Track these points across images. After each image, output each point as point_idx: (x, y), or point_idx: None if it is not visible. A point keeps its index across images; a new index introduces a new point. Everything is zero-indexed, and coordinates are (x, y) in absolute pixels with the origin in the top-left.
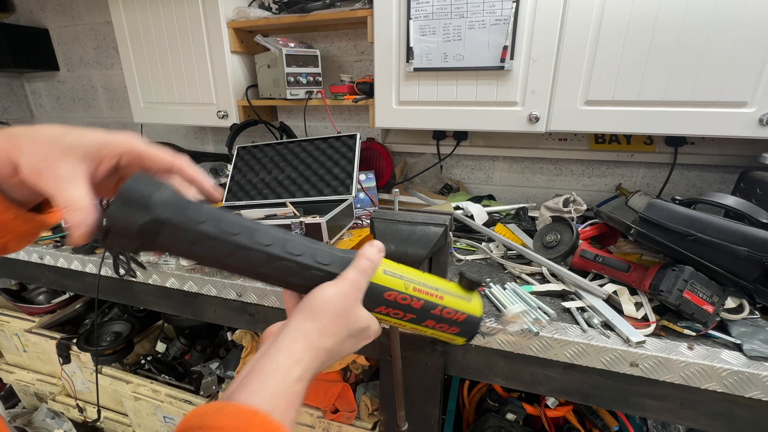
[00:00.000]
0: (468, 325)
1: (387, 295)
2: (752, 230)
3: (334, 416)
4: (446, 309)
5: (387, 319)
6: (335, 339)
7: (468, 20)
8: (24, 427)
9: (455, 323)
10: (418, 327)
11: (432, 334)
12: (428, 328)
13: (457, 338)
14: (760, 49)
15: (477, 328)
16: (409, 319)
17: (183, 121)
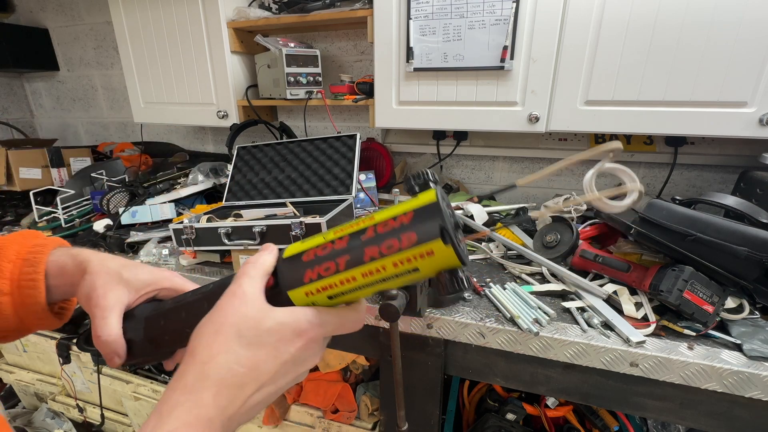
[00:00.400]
0: (423, 221)
1: (305, 258)
2: (752, 230)
3: (334, 416)
4: (380, 224)
5: (323, 287)
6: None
7: (468, 20)
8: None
9: (403, 229)
10: (367, 271)
11: (398, 272)
12: (378, 261)
13: (431, 247)
14: (760, 49)
15: (441, 216)
16: (346, 266)
17: (183, 121)
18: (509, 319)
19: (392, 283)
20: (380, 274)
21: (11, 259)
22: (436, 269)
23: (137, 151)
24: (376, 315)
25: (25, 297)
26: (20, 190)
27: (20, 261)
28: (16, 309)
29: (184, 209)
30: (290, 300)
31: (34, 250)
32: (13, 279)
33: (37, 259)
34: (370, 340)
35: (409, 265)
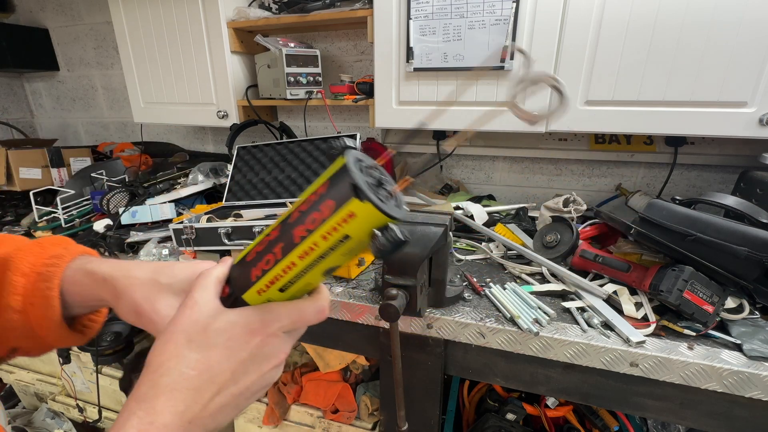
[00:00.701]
0: (337, 185)
1: (249, 258)
2: (752, 230)
3: (334, 416)
4: (302, 203)
5: (270, 281)
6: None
7: (468, 20)
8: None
9: (321, 199)
10: (302, 252)
11: (331, 245)
12: (308, 239)
13: (349, 209)
14: (760, 49)
15: (350, 176)
16: (283, 253)
17: (183, 121)
18: (509, 319)
19: (333, 258)
20: (316, 252)
21: (25, 272)
22: (367, 231)
23: (137, 151)
24: (376, 315)
25: (39, 314)
26: (20, 190)
27: (34, 275)
28: (31, 325)
29: (184, 209)
30: (246, 303)
31: (50, 263)
32: (26, 294)
33: (51, 272)
34: (370, 340)
35: (337, 234)
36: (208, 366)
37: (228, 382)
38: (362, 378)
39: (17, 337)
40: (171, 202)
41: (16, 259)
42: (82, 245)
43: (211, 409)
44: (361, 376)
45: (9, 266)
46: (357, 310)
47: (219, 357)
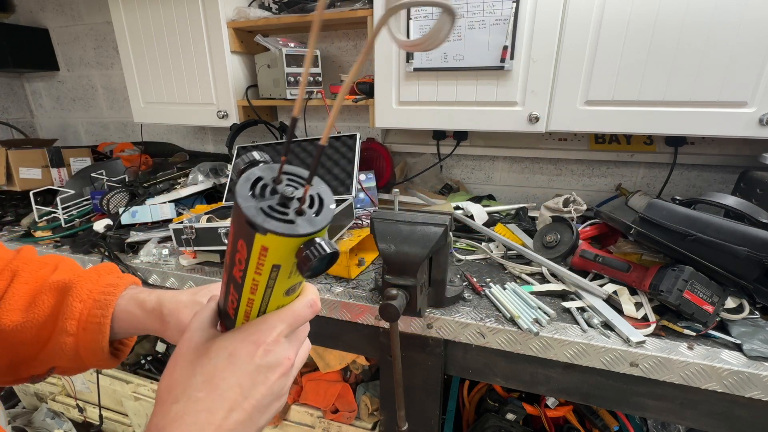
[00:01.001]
0: (238, 221)
1: (221, 297)
2: (752, 230)
3: (334, 416)
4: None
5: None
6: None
7: (468, 20)
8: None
9: (235, 238)
10: (249, 289)
11: (268, 279)
12: (248, 278)
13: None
14: (760, 49)
15: (242, 211)
16: (237, 293)
17: (183, 121)
18: (509, 319)
19: (283, 283)
20: (261, 285)
21: (83, 298)
22: (291, 254)
23: (137, 151)
24: (376, 315)
25: (89, 339)
26: (20, 190)
27: (91, 301)
28: (78, 349)
29: (184, 209)
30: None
31: (107, 291)
32: (81, 320)
33: (107, 300)
34: (370, 340)
35: (266, 267)
36: (214, 385)
37: (238, 398)
38: (362, 378)
39: (62, 358)
40: (171, 202)
41: (77, 286)
42: (129, 273)
43: (227, 427)
44: (361, 376)
45: (71, 292)
46: (357, 310)
47: (224, 374)
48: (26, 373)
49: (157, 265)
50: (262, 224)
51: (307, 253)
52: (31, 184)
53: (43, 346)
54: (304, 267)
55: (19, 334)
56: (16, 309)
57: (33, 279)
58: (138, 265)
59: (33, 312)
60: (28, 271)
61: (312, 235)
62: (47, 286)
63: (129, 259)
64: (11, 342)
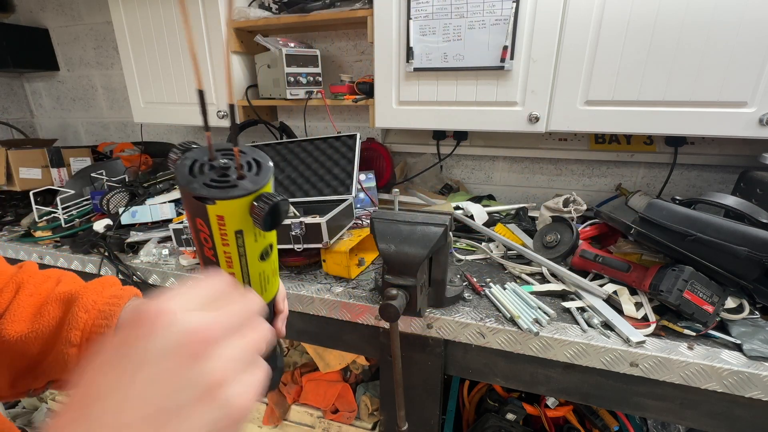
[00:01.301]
0: (188, 200)
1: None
2: (752, 230)
3: (334, 416)
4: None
5: None
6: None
7: (468, 20)
8: (24, 427)
9: (192, 219)
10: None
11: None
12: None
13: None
14: (760, 49)
15: (188, 189)
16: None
17: (183, 121)
18: (509, 319)
19: (252, 246)
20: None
21: (88, 308)
22: (245, 215)
23: (137, 151)
24: (376, 315)
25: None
26: (20, 190)
27: (96, 312)
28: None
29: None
30: None
31: (111, 302)
32: (85, 330)
33: (112, 311)
34: (370, 340)
35: (229, 236)
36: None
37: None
38: (362, 378)
39: (63, 370)
40: (171, 202)
41: (83, 297)
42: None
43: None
44: (361, 376)
45: (76, 303)
46: (357, 310)
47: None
48: (24, 387)
49: (157, 265)
50: (208, 194)
51: (256, 206)
52: (31, 184)
53: (45, 357)
54: (258, 219)
55: (23, 345)
56: (21, 320)
57: (37, 292)
58: (138, 265)
59: (39, 323)
60: (33, 284)
61: (256, 192)
62: (53, 297)
63: (129, 259)
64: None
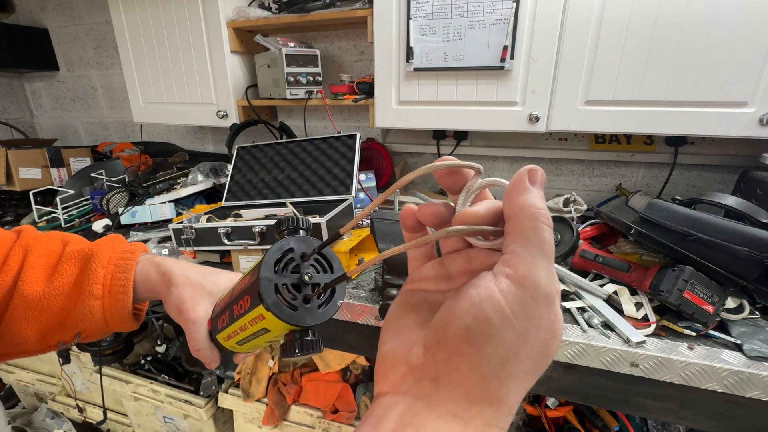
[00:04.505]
0: (254, 281)
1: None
2: (752, 230)
3: (334, 416)
4: (242, 279)
5: (228, 335)
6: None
7: (468, 20)
8: (24, 427)
9: (245, 290)
10: (238, 328)
11: (255, 330)
12: (238, 321)
13: (260, 311)
14: (760, 49)
15: (259, 284)
16: (230, 320)
17: (183, 121)
18: None
19: (266, 337)
20: (248, 331)
21: (104, 264)
22: (282, 330)
23: (137, 151)
24: (376, 315)
25: (114, 301)
26: (20, 190)
27: (112, 267)
28: (104, 312)
29: (183, 209)
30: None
31: (125, 256)
32: (105, 284)
33: (128, 265)
34: (370, 341)
35: (256, 326)
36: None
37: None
38: (362, 378)
39: (89, 321)
40: (171, 202)
41: (97, 254)
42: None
43: None
44: (361, 376)
45: (92, 259)
46: (357, 310)
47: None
48: (54, 340)
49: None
50: (266, 300)
51: (293, 343)
52: (31, 184)
53: (71, 311)
54: (285, 351)
55: (46, 302)
56: (39, 280)
57: (46, 253)
58: None
59: (57, 281)
60: (40, 246)
61: (305, 327)
62: (67, 257)
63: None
64: (38, 310)
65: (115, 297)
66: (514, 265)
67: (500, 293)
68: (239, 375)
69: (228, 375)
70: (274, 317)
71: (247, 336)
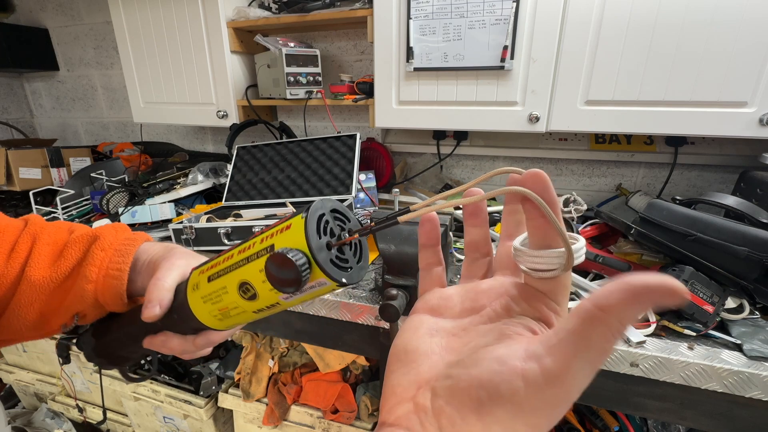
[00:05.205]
0: (301, 211)
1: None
2: (752, 230)
3: (334, 416)
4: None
5: (211, 265)
6: None
7: (468, 20)
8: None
9: (285, 220)
10: (243, 248)
11: (259, 249)
12: (255, 238)
13: (291, 221)
14: (760, 49)
15: (310, 207)
16: (233, 246)
17: (183, 121)
18: None
19: (252, 267)
20: (248, 252)
21: (105, 248)
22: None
23: (137, 151)
24: (376, 315)
25: (108, 286)
26: (20, 190)
27: (112, 251)
28: (97, 296)
29: (183, 209)
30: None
31: (126, 243)
32: (102, 267)
33: (127, 250)
34: (370, 340)
35: (268, 241)
36: None
37: None
38: (362, 378)
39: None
40: (171, 202)
41: (101, 238)
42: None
43: None
44: (361, 376)
45: (95, 242)
46: (357, 310)
47: None
48: (56, 323)
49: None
50: (310, 214)
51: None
52: (31, 184)
53: (68, 293)
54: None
55: (51, 286)
56: (45, 266)
57: (53, 241)
58: None
59: (61, 264)
60: (48, 234)
61: (321, 266)
62: (72, 241)
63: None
64: (44, 295)
65: (110, 282)
66: (555, 354)
67: (523, 380)
68: (239, 375)
69: (228, 375)
70: (300, 229)
71: (240, 260)
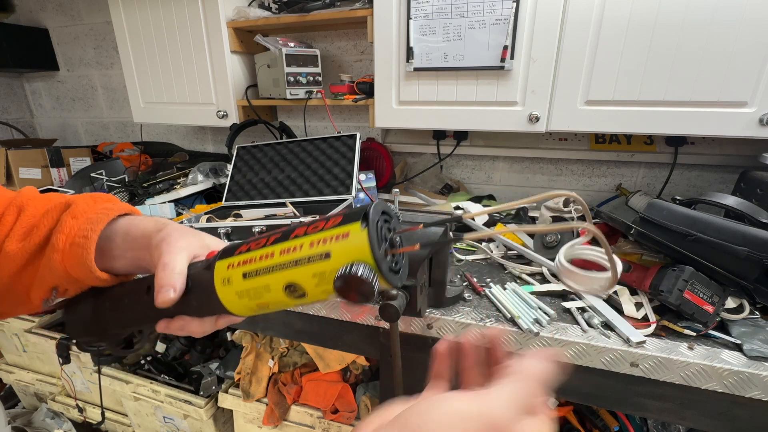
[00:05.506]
0: (356, 211)
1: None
2: (752, 230)
3: (334, 416)
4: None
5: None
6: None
7: (468, 20)
8: (24, 427)
9: (336, 215)
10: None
11: (311, 254)
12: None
13: (348, 228)
14: (760, 49)
15: (366, 210)
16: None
17: (183, 121)
18: (509, 319)
19: (302, 272)
20: (296, 254)
21: (76, 215)
22: (348, 258)
23: (137, 151)
24: (376, 315)
25: (75, 254)
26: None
27: (84, 219)
28: (65, 266)
29: (183, 209)
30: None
31: (101, 212)
32: (70, 234)
33: (99, 218)
34: (370, 340)
35: (323, 247)
36: None
37: None
38: (362, 378)
39: (52, 276)
40: (171, 202)
41: (74, 205)
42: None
43: None
44: (361, 376)
45: (67, 210)
46: (357, 310)
47: None
48: (36, 297)
49: None
50: (372, 225)
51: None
52: (31, 184)
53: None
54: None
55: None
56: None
57: (35, 213)
58: None
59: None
60: (34, 206)
61: (381, 269)
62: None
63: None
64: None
65: (76, 250)
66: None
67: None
68: (239, 375)
69: (228, 375)
70: (364, 239)
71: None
